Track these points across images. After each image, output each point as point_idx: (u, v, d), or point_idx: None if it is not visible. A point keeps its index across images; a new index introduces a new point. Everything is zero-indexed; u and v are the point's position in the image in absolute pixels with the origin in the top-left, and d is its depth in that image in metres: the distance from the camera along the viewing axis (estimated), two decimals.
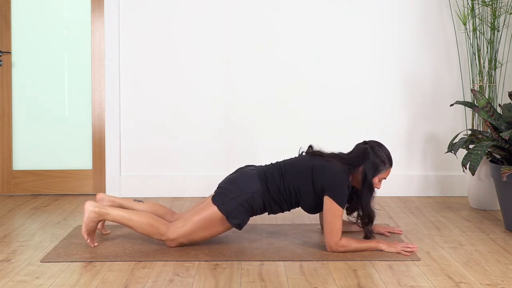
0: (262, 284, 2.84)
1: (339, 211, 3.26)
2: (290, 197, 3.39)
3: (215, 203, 3.32)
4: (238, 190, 3.33)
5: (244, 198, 3.32)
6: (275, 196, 3.37)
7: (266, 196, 3.36)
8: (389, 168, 3.42)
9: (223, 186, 3.40)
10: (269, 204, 3.39)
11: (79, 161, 4.91)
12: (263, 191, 3.35)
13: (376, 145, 3.43)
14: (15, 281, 2.89)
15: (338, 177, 3.31)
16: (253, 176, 3.38)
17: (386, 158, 3.40)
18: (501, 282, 2.87)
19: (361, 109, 4.86)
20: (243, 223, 3.35)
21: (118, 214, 3.34)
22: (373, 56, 4.85)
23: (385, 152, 3.42)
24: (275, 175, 3.39)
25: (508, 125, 3.92)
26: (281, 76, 4.84)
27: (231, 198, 3.31)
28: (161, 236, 3.34)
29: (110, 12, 4.78)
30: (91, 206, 3.34)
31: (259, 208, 3.38)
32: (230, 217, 3.31)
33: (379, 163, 3.37)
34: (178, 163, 4.86)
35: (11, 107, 4.85)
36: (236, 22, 4.82)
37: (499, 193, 3.87)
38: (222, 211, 3.30)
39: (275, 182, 3.37)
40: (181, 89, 4.85)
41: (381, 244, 3.32)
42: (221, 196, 3.34)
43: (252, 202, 3.33)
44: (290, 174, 3.38)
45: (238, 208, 3.31)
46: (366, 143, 3.46)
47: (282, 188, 3.37)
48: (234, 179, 3.41)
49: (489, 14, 4.57)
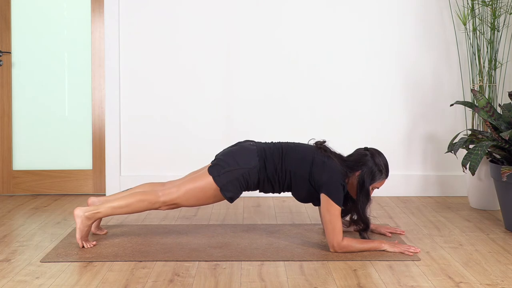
0: (262, 284, 2.84)
1: (337, 210, 3.26)
2: (284, 180, 3.40)
3: (211, 173, 3.33)
4: (235, 164, 3.34)
5: (240, 172, 3.33)
6: (270, 175, 3.38)
7: (262, 173, 3.37)
8: (384, 179, 3.43)
9: (221, 157, 3.40)
10: (263, 182, 3.40)
11: (79, 161, 4.91)
12: (260, 168, 3.36)
13: (376, 153, 3.43)
14: (15, 281, 2.89)
15: (335, 176, 3.31)
16: (252, 152, 3.39)
17: (384, 167, 3.40)
18: (501, 282, 2.87)
19: (361, 109, 4.86)
20: (235, 196, 3.37)
21: (107, 207, 3.34)
22: (373, 56, 4.85)
23: (384, 161, 3.42)
24: (275, 154, 3.39)
25: (508, 125, 3.92)
26: (282, 75, 4.84)
27: (228, 171, 3.32)
28: (153, 205, 3.35)
29: (110, 12, 4.78)
30: (81, 211, 3.34)
31: (253, 184, 3.40)
32: (223, 189, 3.32)
33: (376, 172, 3.37)
34: (178, 163, 4.86)
35: (11, 107, 4.85)
36: (237, 20, 4.82)
37: (499, 193, 3.87)
38: (217, 183, 3.32)
39: (274, 161, 3.38)
40: (181, 89, 4.85)
41: (384, 244, 3.32)
42: (217, 168, 3.34)
43: (248, 178, 3.35)
44: (290, 158, 3.39)
45: (233, 182, 3.32)
46: (367, 149, 3.46)
47: (279, 169, 3.38)
48: (233, 152, 3.41)
49: (489, 14, 4.57)
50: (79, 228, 3.34)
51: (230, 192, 3.34)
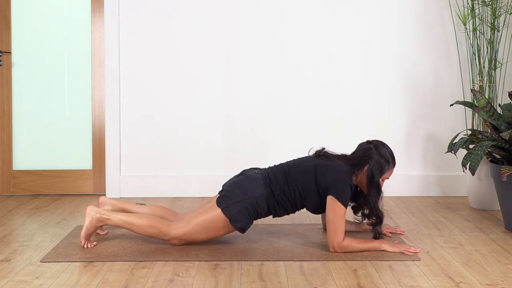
0: (262, 284, 2.84)
1: (342, 211, 3.26)
2: (295, 199, 3.38)
3: (219, 205, 3.32)
4: (242, 194, 3.33)
5: (248, 202, 3.32)
6: (280, 199, 3.37)
7: (270, 199, 3.36)
8: (393, 168, 3.42)
9: (228, 189, 3.39)
10: (274, 207, 3.38)
11: (79, 161, 4.91)
12: (268, 194, 3.35)
13: (380, 145, 3.42)
14: (15, 281, 2.89)
15: (341, 176, 3.31)
16: (257, 180, 3.37)
17: (390, 157, 3.40)
18: (501, 282, 2.87)
19: (361, 109, 4.86)
20: (246, 226, 3.35)
21: (119, 219, 3.34)
22: (373, 56, 4.85)
23: (389, 151, 3.42)
24: (279, 177, 3.38)
25: (508, 125, 3.92)
26: (281, 75, 4.84)
27: (235, 202, 3.31)
28: (163, 236, 3.34)
29: (110, 12, 4.78)
30: (93, 211, 3.34)
31: (263, 211, 3.38)
32: (233, 220, 3.31)
33: (384, 163, 3.36)
34: (178, 163, 4.87)
35: (11, 107, 4.85)
36: (237, 20, 4.82)
37: (499, 193, 3.87)
38: (226, 214, 3.30)
39: (280, 185, 3.36)
40: (181, 89, 4.85)
41: (384, 244, 3.32)
42: (225, 199, 3.33)
43: (257, 206, 3.33)
44: (294, 175, 3.38)
45: (242, 212, 3.31)
46: (369, 142, 3.45)
47: (286, 191, 3.36)
48: (239, 183, 3.39)
49: (489, 14, 4.57)
50: (87, 227, 3.34)
51: (240, 222, 3.32)
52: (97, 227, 3.36)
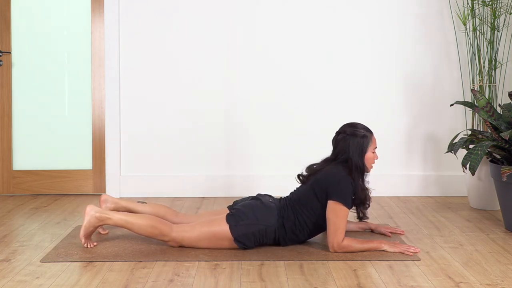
0: (262, 284, 2.84)
1: (343, 212, 3.25)
2: (309, 230, 3.38)
3: (228, 222, 3.30)
4: (254, 218, 3.32)
5: (257, 228, 3.31)
6: (290, 231, 3.36)
7: (280, 232, 3.35)
8: (372, 137, 3.38)
9: (241, 209, 3.36)
10: (283, 239, 3.38)
11: (79, 161, 4.91)
12: (278, 227, 3.35)
13: (348, 127, 3.39)
14: (15, 281, 2.89)
15: (335, 178, 3.30)
16: (272, 210, 3.36)
17: (364, 130, 3.36)
18: (501, 282, 2.87)
19: (361, 109, 4.86)
20: (248, 248, 3.35)
21: (119, 218, 3.32)
22: (373, 57, 4.85)
23: (360, 126, 3.38)
24: (289, 212, 3.38)
25: (508, 125, 3.92)
26: (280, 77, 4.84)
27: (246, 224, 3.30)
28: (163, 236, 3.33)
29: (110, 12, 4.78)
30: (92, 211, 3.32)
31: (269, 240, 3.37)
32: (238, 241, 3.30)
33: (362, 141, 3.34)
34: (178, 163, 4.87)
35: (11, 107, 4.85)
36: (236, 22, 4.82)
37: (499, 193, 3.87)
38: (232, 232, 3.29)
39: (291, 219, 3.36)
40: (181, 89, 4.85)
41: (384, 244, 3.31)
42: (236, 218, 3.31)
43: (264, 234, 3.33)
44: (300, 208, 3.36)
45: (248, 235, 3.30)
46: (338, 132, 3.42)
47: (297, 224, 3.36)
48: (254, 206, 3.37)
49: (489, 14, 4.57)
50: (85, 226, 3.33)
51: (243, 244, 3.32)
52: (97, 226, 3.35)
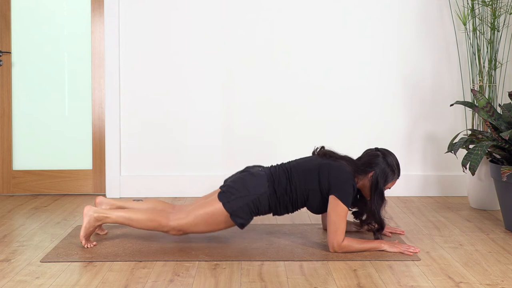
0: (262, 284, 2.84)
1: (344, 211, 3.26)
2: (297, 200, 3.39)
3: (221, 200, 3.32)
4: (245, 190, 3.33)
5: (250, 199, 3.32)
6: (281, 199, 3.37)
7: (272, 198, 3.36)
8: (397, 178, 3.44)
9: (230, 184, 3.38)
10: (275, 206, 3.39)
11: (79, 161, 4.91)
12: (270, 193, 3.35)
13: (388, 153, 3.44)
14: (15, 281, 2.89)
15: (344, 176, 3.31)
16: (261, 178, 3.37)
17: (396, 167, 3.42)
18: (501, 282, 2.87)
19: (361, 109, 4.86)
20: (246, 222, 3.36)
21: (118, 215, 3.35)
22: (373, 57, 4.85)
23: (395, 161, 3.44)
24: (282, 177, 3.38)
25: (508, 125, 3.92)
26: (280, 78, 4.84)
27: (238, 197, 3.31)
28: (162, 227, 3.35)
29: (110, 12, 4.78)
30: (91, 211, 3.34)
31: (265, 209, 3.38)
32: (234, 216, 3.31)
33: (389, 172, 3.38)
34: (178, 163, 4.86)
35: (11, 107, 4.85)
36: (237, 22, 4.82)
37: (499, 193, 3.87)
38: (227, 209, 3.30)
39: (282, 185, 3.36)
40: (181, 89, 4.85)
41: (383, 244, 3.32)
42: (227, 194, 3.33)
43: (258, 204, 3.34)
44: (297, 176, 3.38)
45: (244, 208, 3.31)
46: (378, 150, 3.46)
47: (289, 190, 3.36)
48: (242, 179, 3.39)
49: (489, 14, 4.57)
50: (85, 227, 3.35)
51: (241, 218, 3.33)
52: (96, 226, 3.37)
